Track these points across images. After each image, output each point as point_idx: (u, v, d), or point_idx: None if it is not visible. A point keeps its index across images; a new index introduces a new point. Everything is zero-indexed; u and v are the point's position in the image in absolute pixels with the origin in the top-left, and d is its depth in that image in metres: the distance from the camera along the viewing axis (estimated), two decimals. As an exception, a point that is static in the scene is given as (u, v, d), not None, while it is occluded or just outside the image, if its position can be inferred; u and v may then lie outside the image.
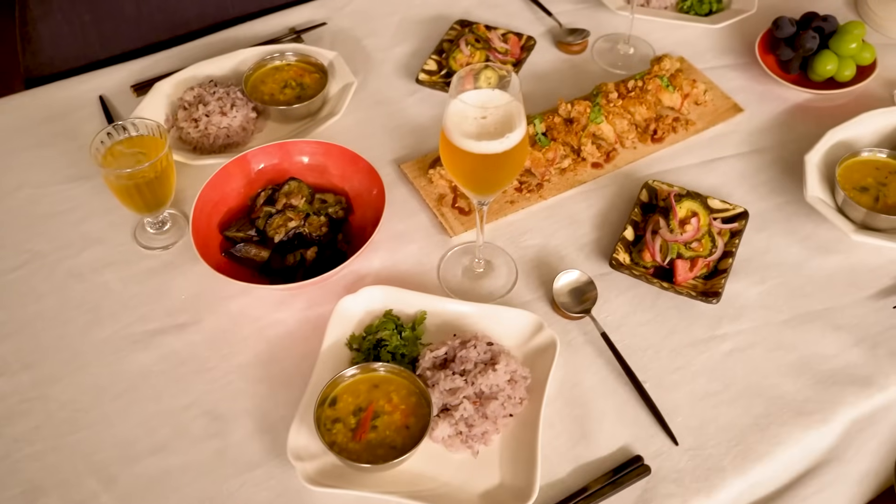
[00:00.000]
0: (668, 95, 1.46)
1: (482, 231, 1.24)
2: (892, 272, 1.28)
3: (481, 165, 1.07)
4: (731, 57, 1.61)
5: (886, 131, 1.43)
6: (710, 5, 1.65)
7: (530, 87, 1.55)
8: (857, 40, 1.49)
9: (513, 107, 1.05)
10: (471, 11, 1.70)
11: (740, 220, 1.32)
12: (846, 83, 1.52)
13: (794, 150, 1.43)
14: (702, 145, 1.46)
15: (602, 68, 1.60)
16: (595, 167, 1.42)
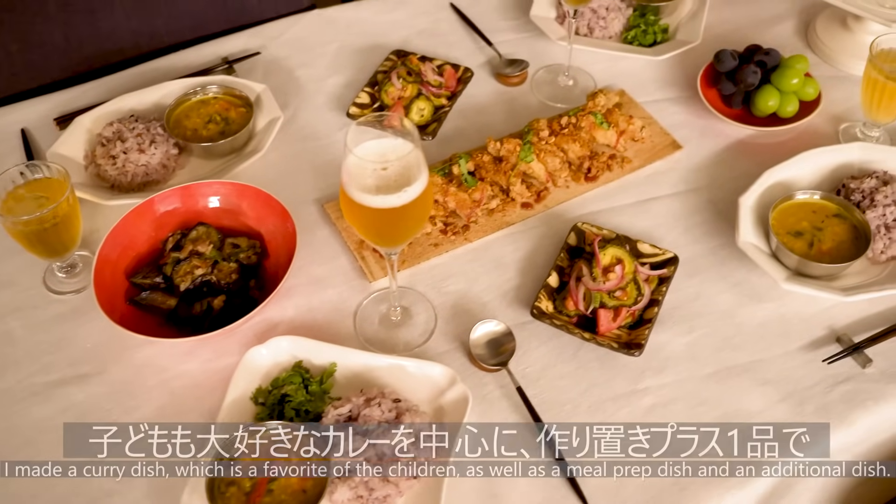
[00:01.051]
0: (602, 133, 1.41)
1: (395, 279, 1.19)
2: (824, 322, 1.23)
3: (380, 220, 1.02)
4: (674, 90, 1.56)
5: (827, 171, 1.38)
6: (654, 36, 1.61)
7: (465, 121, 1.51)
8: (799, 75, 1.44)
9: (412, 158, 1.00)
10: (410, 40, 1.66)
11: (670, 266, 1.27)
12: (789, 119, 1.47)
13: (732, 189, 1.38)
14: (638, 184, 1.42)
15: (540, 101, 1.55)
16: (525, 207, 1.37)
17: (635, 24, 1.62)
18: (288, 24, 1.69)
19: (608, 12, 1.61)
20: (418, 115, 1.48)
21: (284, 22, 1.70)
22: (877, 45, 1.36)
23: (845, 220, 1.30)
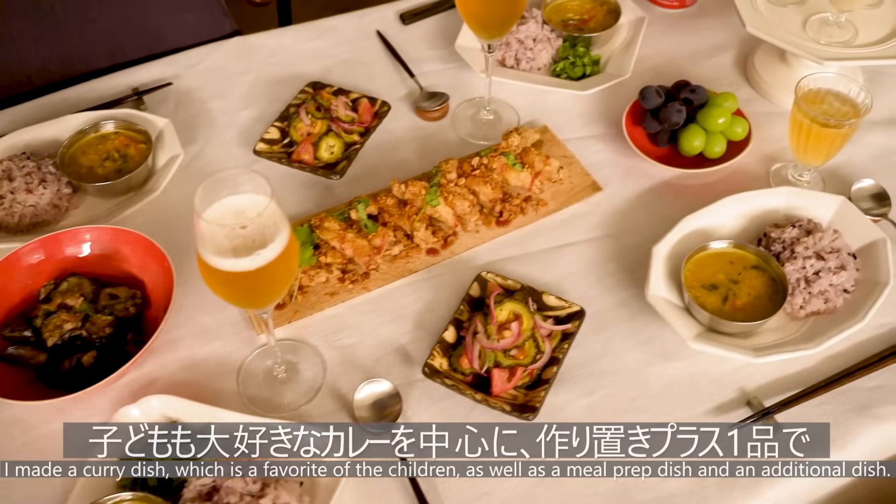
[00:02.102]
0: (514, 175, 1.34)
1: (272, 335, 1.12)
2: (735, 383, 1.16)
3: (233, 284, 0.96)
4: (601, 126, 1.49)
5: (751, 217, 1.31)
6: (583, 69, 1.53)
7: (379, 159, 1.44)
8: (726, 114, 1.37)
9: (266, 217, 0.93)
10: (331, 70, 1.59)
11: (575, 321, 1.20)
12: (717, 160, 1.39)
13: (651, 235, 1.30)
14: (553, 228, 1.35)
15: (460, 137, 1.48)
16: (430, 254, 1.30)
17: (564, 55, 1.54)
18: (206, 53, 1.63)
19: (535, 43, 1.54)
20: (328, 153, 1.41)
21: (203, 50, 1.63)
22: (802, 87, 1.28)
23: (764, 272, 1.22)
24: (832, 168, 1.41)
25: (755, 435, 1.07)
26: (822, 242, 1.23)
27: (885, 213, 1.33)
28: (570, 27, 1.59)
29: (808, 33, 1.42)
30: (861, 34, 1.42)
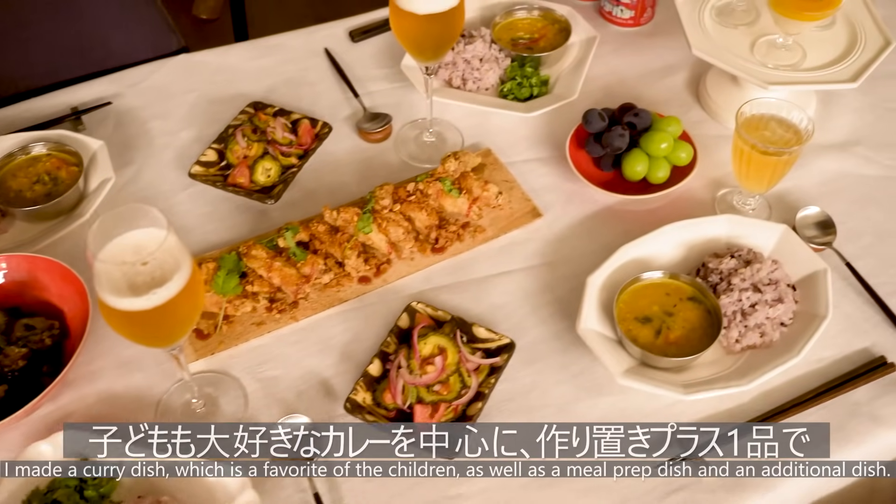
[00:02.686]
0: (451, 201, 1.31)
1: (186, 370, 1.10)
2: (666, 420, 1.12)
3: (131, 322, 0.93)
4: (546, 149, 1.46)
5: (691, 246, 1.28)
6: (530, 90, 1.50)
7: (317, 183, 1.41)
8: (669, 139, 1.34)
9: (163, 253, 0.90)
10: (275, 90, 1.56)
11: (504, 354, 1.17)
12: (661, 185, 1.36)
13: (591, 263, 1.26)
14: (491, 255, 1.32)
15: (402, 160, 1.45)
16: (362, 282, 1.27)
17: (512, 76, 1.51)
18: (151, 70, 1.60)
19: (482, 63, 1.51)
20: (264, 176, 1.38)
21: (148, 67, 1.60)
22: (743, 113, 1.25)
23: (700, 304, 1.19)
24: (780, 193, 1.37)
25: (755, 435, 1.07)
26: (759, 274, 1.20)
27: (829, 241, 1.30)
28: (519, 46, 1.56)
29: (755, 56, 1.39)
30: (810, 57, 1.39)
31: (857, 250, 1.31)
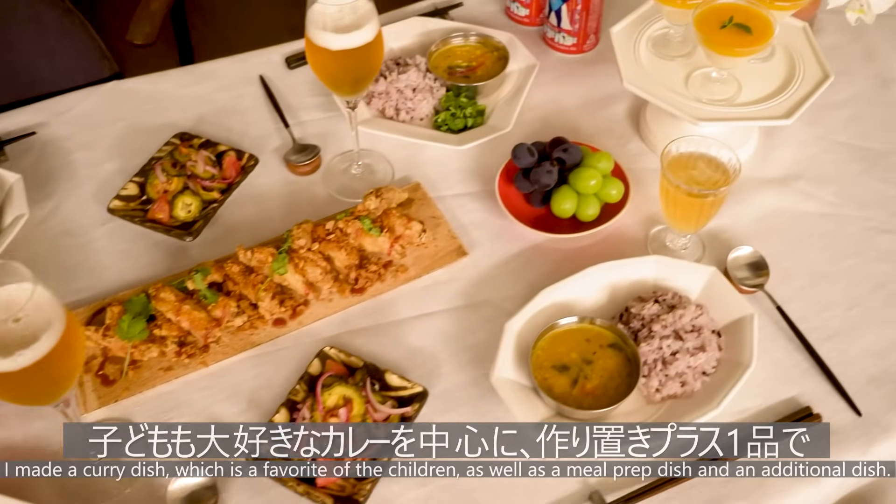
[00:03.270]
0: (370, 240, 1.27)
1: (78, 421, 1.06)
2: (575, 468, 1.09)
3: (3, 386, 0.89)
4: (477, 183, 1.42)
5: (618, 288, 1.24)
6: (465, 121, 1.46)
7: (240, 218, 1.37)
8: (598, 176, 1.30)
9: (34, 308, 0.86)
10: (206, 119, 1.52)
11: (416, 403, 1.13)
12: (591, 223, 1.32)
13: (514, 305, 1.23)
14: (413, 296, 1.28)
15: (330, 194, 1.41)
16: (277, 325, 1.23)
17: (446, 106, 1.47)
18: (80, 98, 1.56)
19: (416, 93, 1.47)
20: (184, 212, 1.35)
21: (77, 95, 1.56)
22: (669, 152, 1.21)
23: (621, 352, 1.15)
24: (714, 231, 1.33)
25: (755, 435, 1.06)
26: (682, 320, 1.16)
27: (761, 283, 1.26)
28: (456, 75, 1.52)
29: (689, 90, 1.35)
30: (746, 90, 1.35)
31: (791, 293, 1.27)
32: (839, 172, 1.42)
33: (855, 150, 1.46)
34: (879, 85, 1.57)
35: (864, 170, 1.43)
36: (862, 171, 1.43)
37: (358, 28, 1.18)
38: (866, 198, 1.39)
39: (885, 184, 1.41)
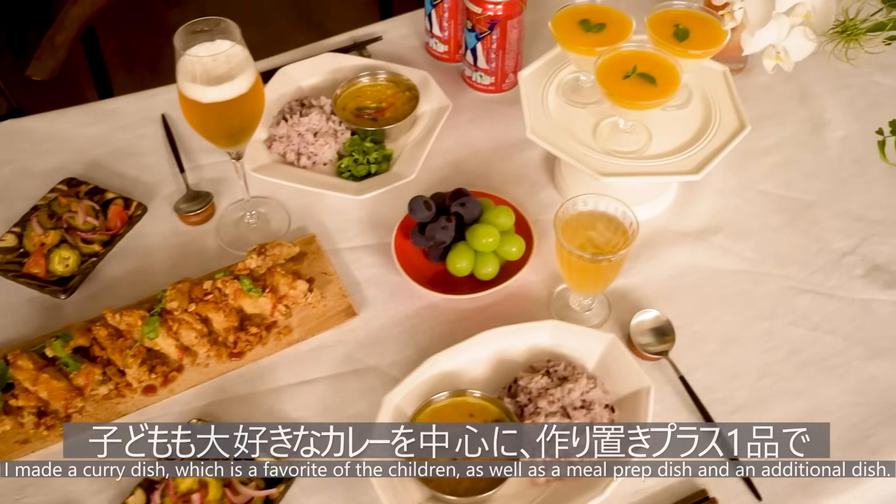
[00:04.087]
0: (250, 301, 1.20)
1: None
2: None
3: None
4: (377, 235, 1.34)
5: (510, 357, 1.16)
6: (368, 167, 1.39)
7: (122, 273, 1.30)
8: (495, 233, 1.22)
9: None
10: (100, 162, 1.45)
11: (282, 484, 1.05)
12: (489, 282, 1.25)
13: (402, 371, 1.16)
14: (296, 360, 1.20)
15: (220, 246, 1.33)
16: (147, 392, 1.16)
17: (350, 151, 1.40)
18: (-30, 139, 1.49)
19: (317, 137, 1.39)
20: (62, 266, 1.27)
21: (-32, 135, 1.49)
22: (564, 212, 1.14)
23: (505, 428, 1.07)
24: (623, 290, 1.26)
25: (755, 435, 1.04)
26: (571, 395, 1.08)
27: (665, 349, 1.19)
28: (363, 117, 1.45)
29: (597, 141, 1.27)
30: (656, 141, 1.27)
31: (699, 359, 1.19)
32: (760, 225, 1.35)
33: (779, 201, 1.38)
34: (810, 129, 1.49)
35: (787, 222, 1.35)
36: (784, 223, 1.35)
37: (230, 79, 1.11)
38: (786, 253, 1.31)
39: (807, 238, 1.33)
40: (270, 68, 1.54)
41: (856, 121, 1.49)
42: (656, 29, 1.23)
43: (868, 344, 1.21)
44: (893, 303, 1.25)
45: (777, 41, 1.21)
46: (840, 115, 1.51)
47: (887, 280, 1.27)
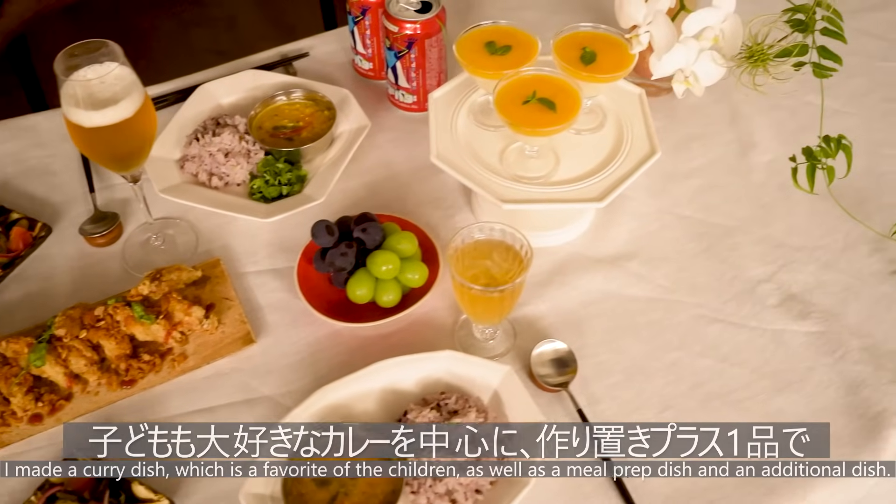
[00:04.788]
0: (142, 328, 1.17)
1: None
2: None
3: None
4: (285, 258, 1.31)
5: (406, 389, 1.13)
6: (279, 188, 1.36)
7: (22, 297, 1.27)
8: (394, 260, 1.20)
9: None
10: (10, 182, 1.43)
11: None
12: (391, 310, 1.22)
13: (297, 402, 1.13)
14: (190, 389, 1.18)
15: (125, 269, 1.31)
16: (34, 422, 1.13)
17: (262, 171, 1.37)
18: None
19: (228, 158, 1.37)
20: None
21: None
22: (462, 240, 1.11)
23: (391, 463, 1.05)
24: (531, 318, 1.23)
25: (755, 435, 1.03)
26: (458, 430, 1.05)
27: (566, 381, 1.16)
28: (279, 136, 1.42)
29: (503, 165, 1.24)
30: (564, 166, 1.24)
31: (602, 391, 1.16)
32: (677, 252, 1.32)
33: (698, 226, 1.35)
34: (738, 151, 1.46)
35: (704, 249, 1.32)
36: (702, 250, 1.32)
37: (114, 103, 1.08)
38: (701, 281, 1.28)
39: (724, 265, 1.30)
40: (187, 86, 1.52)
41: (784, 144, 1.46)
42: (563, 52, 1.21)
43: (776, 377, 1.18)
44: (805, 334, 1.22)
45: (685, 65, 1.18)
46: (769, 137, 1.48)
47: (801, 310, 1.24)
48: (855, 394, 1.15)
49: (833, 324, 1.22)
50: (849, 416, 1.13)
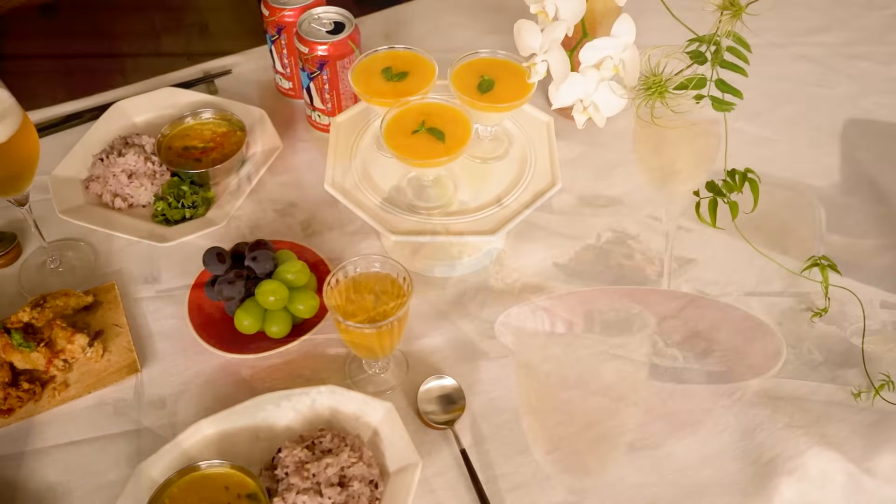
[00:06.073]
0: (20, 356, 1.14)
1: None
2: None
3: None
4: (186, 283, 1.28)
5: (284, 425, 1.11)
6: (182, 211, 1.33)
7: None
8: (281, 291, 1.17)
9: None
10: (-85, 198, 1.40)
11: (17, 558, 1.00)
12: (280, 340, 1.19)
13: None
14: (70, 419, 1.15)
15: (21, 292, 1.28)
16: None
17: (166, 194, 1.35)
18: None
19: (131, 179, 1.34)
20: None
21: None
22: (345, 274, 1.08)
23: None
24: (426, 351, 1.20)
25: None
26: (328, 471, 1.02)
27: (451, 419, 1.12)
28: (188, 157, 1.39)
29: (400, 195, 1.21)
30: (462, 195, 1.21)
31: (490, 430, 1.13)
32: (585, 284, 1.29)
33: (609, 257, 1.32)
34: (659, 179, 1.42)
35: (614, 281, 1.29)
36: (611, 282, 1.29)
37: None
38: (607, 316, 1.24)
39: (632, 299, 1.26)
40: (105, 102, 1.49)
41: (707, 172, 1.42)
42: (461, 80, 1.18)
43: (671, 418, 1.14)
44: (705, 374, 1.18)
45: (585, 95, 1.15)
46: (692, 165, 1.44)
47: (704, 348, 1.20)
48: (750, 438, 1.12)
49: (736, 363, 1.19)
50: (741, 462, 1.10)
